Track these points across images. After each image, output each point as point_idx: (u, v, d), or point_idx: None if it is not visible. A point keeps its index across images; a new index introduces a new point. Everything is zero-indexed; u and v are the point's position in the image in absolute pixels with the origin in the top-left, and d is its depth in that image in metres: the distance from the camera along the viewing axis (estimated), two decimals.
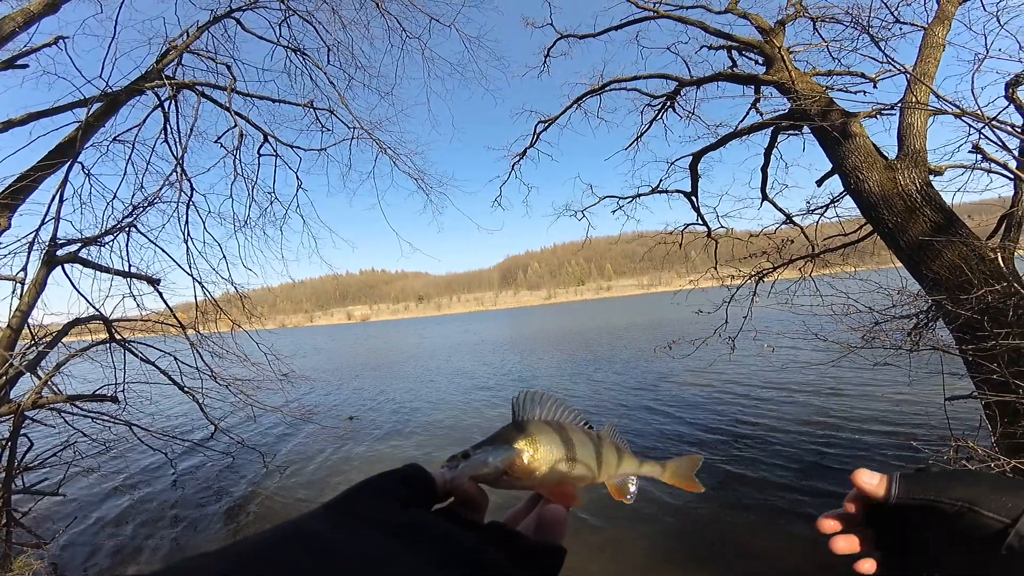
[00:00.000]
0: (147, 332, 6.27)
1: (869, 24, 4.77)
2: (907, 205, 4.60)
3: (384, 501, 0.42)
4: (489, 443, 0.52)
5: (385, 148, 7.69)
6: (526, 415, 0.57)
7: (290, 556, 0.32)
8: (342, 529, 0.37)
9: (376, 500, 0.42)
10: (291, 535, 0.34)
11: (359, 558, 0.34)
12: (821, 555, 3.28)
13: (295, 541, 0.34)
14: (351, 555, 0.34)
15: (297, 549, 0.33)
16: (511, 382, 17.89)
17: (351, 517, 0.39)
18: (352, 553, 0.34)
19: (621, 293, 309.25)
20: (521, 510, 0.56)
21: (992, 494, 0.49)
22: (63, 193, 5.32)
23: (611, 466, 0.58)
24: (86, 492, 8.50)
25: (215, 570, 0.29)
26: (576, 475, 0.54)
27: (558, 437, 0.54)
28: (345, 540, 0.35)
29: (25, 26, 4.50)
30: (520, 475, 0.51)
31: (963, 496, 0.50)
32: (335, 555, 0.33)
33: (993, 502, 0.49)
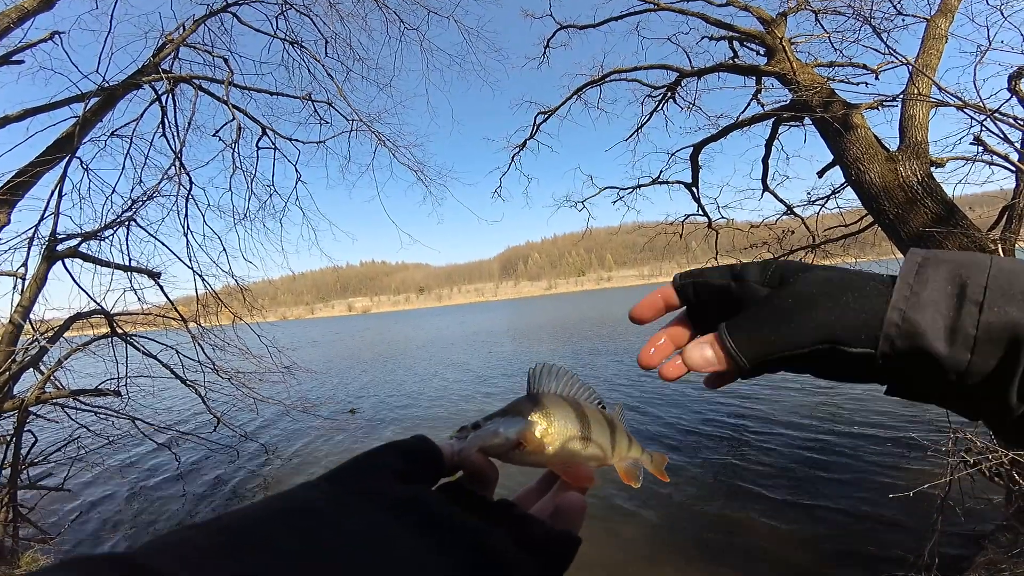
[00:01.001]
0: (148, 326, 6.29)
1: (871, 15, 4.73)
2: (908, 196, 4.59)
3: (385, 475, 0.40)
4: (501, 414, 0.50)
5: (384, 140, 7.66)
6: (541, 388, 0.55)
7: (275, 532, 0.30)
8: (336, 505, 0.35)
9: (377, 474, 0.40)
10: (280, 509, 0.33)
11: (350, 537, 0.32)
12: (820, 548, 3.31)
13: (283, 516, 0.32)
14: (342, 534, 0.32)
15: (284, 525, 0.31)
16: (511, 372, 17.93)
17: (348, 492, 0.37)
18: (344, 532, 0.32)
19: (622, 283, 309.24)
20: (533, 490, 0.53)
21: (844, 316, 0.43)
22: (62, 188, 5.32)
23: (623, 448, 0.56)
24: (91, 486, 8.55)
25: (195, 544, 0.27)
26: (589, 453, 0.52)
27: (573, 412, 0.52)
28: (337, 517, 0.33)
29: (19, 22, 4.46)
30: (533, 449, 0.49)
31: (819, 336, 0.43)
32: (325, 533, 0.31)
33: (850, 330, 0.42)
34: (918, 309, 0.41)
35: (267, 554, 0.29)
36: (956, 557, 4.12)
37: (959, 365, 0.40)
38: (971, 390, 0.41)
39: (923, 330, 0.40)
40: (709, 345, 0.46)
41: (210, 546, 0.28)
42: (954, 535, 4.30)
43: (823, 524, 5.51)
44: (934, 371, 0.41)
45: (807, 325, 0.43)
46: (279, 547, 0.29)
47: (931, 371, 0.41)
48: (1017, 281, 0.40)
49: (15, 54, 4.80)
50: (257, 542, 0.29)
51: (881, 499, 5.43)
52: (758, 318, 0.45)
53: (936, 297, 0.41)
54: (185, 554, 0.27)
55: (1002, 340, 0.38)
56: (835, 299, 0.43)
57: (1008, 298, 0.39)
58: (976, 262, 0.42)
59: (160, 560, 0.26)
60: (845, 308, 0.43)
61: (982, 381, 0.40)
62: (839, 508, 5.81)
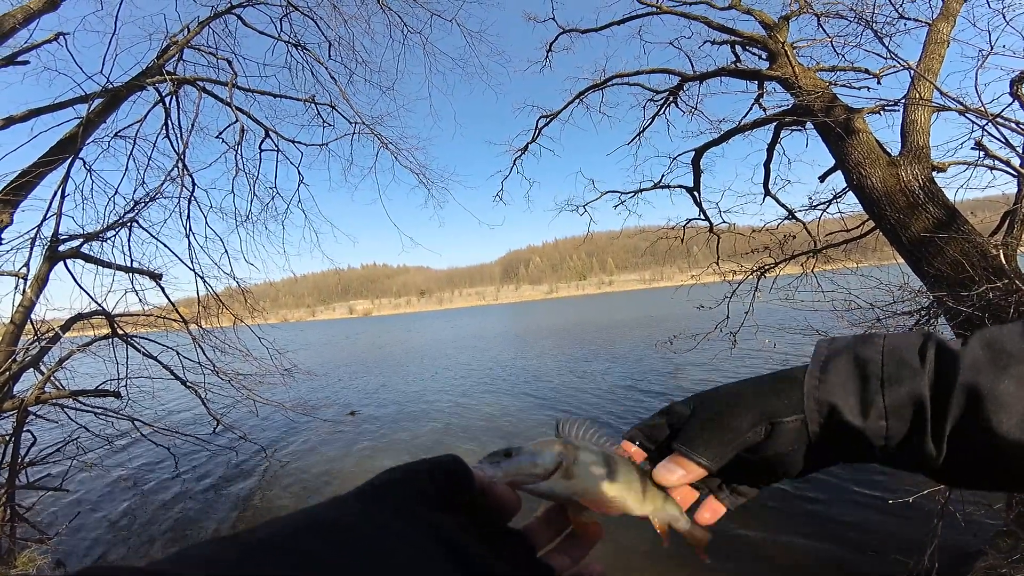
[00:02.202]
0: (149, 327, 6.30)
1: (873, 20, 4.73)
2: (910, 201, 4.58)
3: (417, 495, 0.39)
4: (531, 446, 0.50)
5: (386, 143, 7.68)
6: (568, 434, 0.55)
7: (307, 548, 0.29)
8: (370, 523, 0.34)
9: (410, 493, 0.39)
10: (310, 524, 0.32)
11: (384, 557, 0.31)
12: (820, 553, 3.30)
13: (315, 532, 0.31)
14: (376, 554, 0.31)
15: (317, 541, 0.30)
16: (511, 376, 17.91)
17: (381, 510, 0.36)
18: (377, 552, 0.32)
19: (623, 288, 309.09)
20: (541, 521, 0.52)
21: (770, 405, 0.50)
22: (65, 189, 5.34)
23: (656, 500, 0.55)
24: (90, 487, 8.54)
25: (224, 559, 0.27)
26: (616, 496, 0.51)
27: (602, 454, 0.52)
28: (370, 536, 0.33)
29: (25, 23, 4.49)
30: (565, 481, 0.49)
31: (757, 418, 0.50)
32: (357, 551, 0.31)
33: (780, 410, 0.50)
34: (829, 392, 0.49)
35: (301, 570, 0.28)
36: (956, 563, 4.10)
37: (880, 431, 0.47)
38: (897, 449, 0.47)
39: (839, 407, 0.48)
40: (672, 462, 0.53)
41: (239, 561, 0.27)
42: (954, 541, 4.28)
43: (823, 529, 5.49)
44: (860, 440, 0.48)
45: (743, 415, 0.50)
46: (313, 564, 0.28)
47: (858, 440, 0.48)
48: (905, 353, 0.48)
49: (20, 55, 4.82)
50: (290, 558, 0.28)
51: (881, 504, 5.42)
52: (698, 427, 0.52)
53: (842, 380, 0.49)
54: (215, 569, 0.26)
55: (908, 405, 0.46)
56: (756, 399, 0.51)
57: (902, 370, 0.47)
58: (871, 344, 0.50)
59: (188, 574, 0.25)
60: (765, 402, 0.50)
61: (903, 440, 0.46)
62: (839, 513, 5.79)
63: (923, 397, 0.45)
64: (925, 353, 0.47)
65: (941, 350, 0.47)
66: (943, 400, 0.45)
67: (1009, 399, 0.42)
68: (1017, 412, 0.42)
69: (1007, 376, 0.43)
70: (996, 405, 0.42)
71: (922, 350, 0.48)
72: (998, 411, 0.42)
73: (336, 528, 0.32)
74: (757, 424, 0.50)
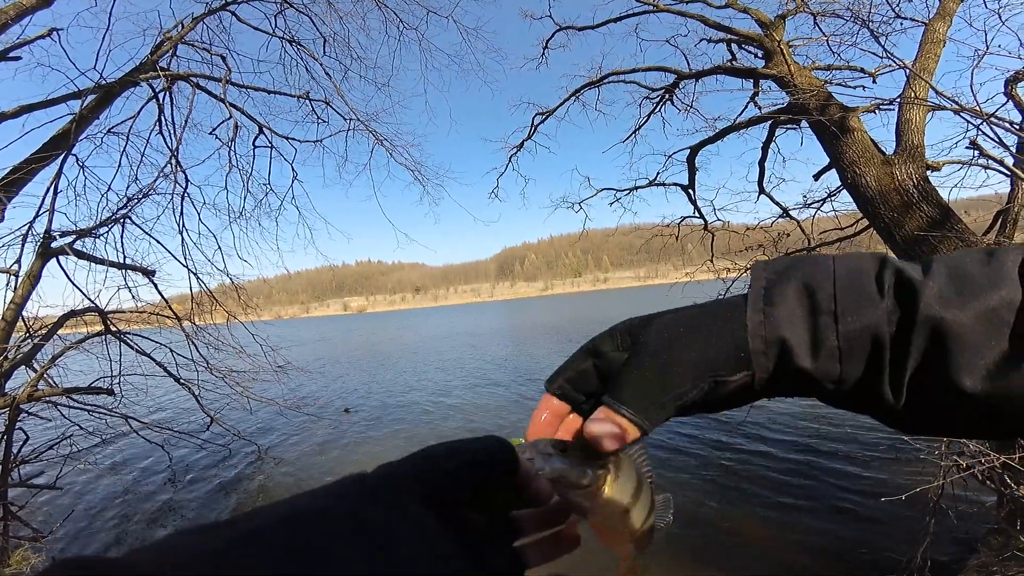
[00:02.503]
0: (142, 324, 6.26)
1: (869, 19, 4.74)
2: (904, 200, 4.60)
3: (459, 484, 0.37)
4: (580, 450, 0.46)
5: (381, 139, 7.65)
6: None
7: (299, 536, 0.27)
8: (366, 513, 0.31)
9: (414, 484, 0.35)
10: (306, 512, 0.30)
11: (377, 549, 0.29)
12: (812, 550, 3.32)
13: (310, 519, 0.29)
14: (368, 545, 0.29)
15: (308, 529, 0.28)
16: (505, 372, 17.92)
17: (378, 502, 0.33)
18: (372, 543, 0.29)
19: (618, 285, 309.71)
20: (527, 513, 0.49)
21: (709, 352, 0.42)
22: (57, 185, 5.29)
23: (648, 521, 0.52)
24: (83, 485, 8.51)
25: (197, 549, 0.24)
26: (631, 519, 0.49)
27: (637, 480, 0.49)
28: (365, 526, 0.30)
29: (17, 19, 4.44)
30: (596, 496, 0.46)
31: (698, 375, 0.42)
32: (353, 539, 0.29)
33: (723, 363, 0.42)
34: (777, 330, 0.42)
35: (285, 563, 0.25)
36: (948, 560, 4.14)
37: (832, 375, 0.41)
38: (851, 393, 0.42)
39: (789, 347, 0.41)
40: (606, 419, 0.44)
41: (224, 551, 0.24)
42: (946, 538, 4.32)
43: (815, 527, 5.52)
44: (811, 382, 0.42)
45: (681, 370, 0.43)
46: (297, 556, 0.26)
47: (809, 382, 0.42)
48: (860, 280, 0.42)
49: (12, 50, 4.77)
50: (274, 550, 0.26)
51: (874, 502, 5.45)
52: (632, 380, 0.44)
53: (790, 315, 0.42)
54: (184, 560, 0.24)
55: (864, 345, 0.40)
56: (692, 341, 0.43)
57: (858, 301, 0.41)
58: (820, 268, 0.43)
59: (154, 566, 0.23)
60: (706, 346, 0.43)
61: (857, 383, 0.41)
62: (832, 511, 5.82)
63: (881, 335, 0.40)
64: (883, 280, 0.41)
65: (901, 277, 0.41)
66: (903, 338, 0.39)
67: (973, 339, 0.37)
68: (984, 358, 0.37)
69: (971, 310, 0.38)
70: (959, 345, 0.38)
71: (879, 276, 0.42)
72: (961, 353, 0.37)
73: (326, 518, 0.30)
74: (700, 381, 0.43)
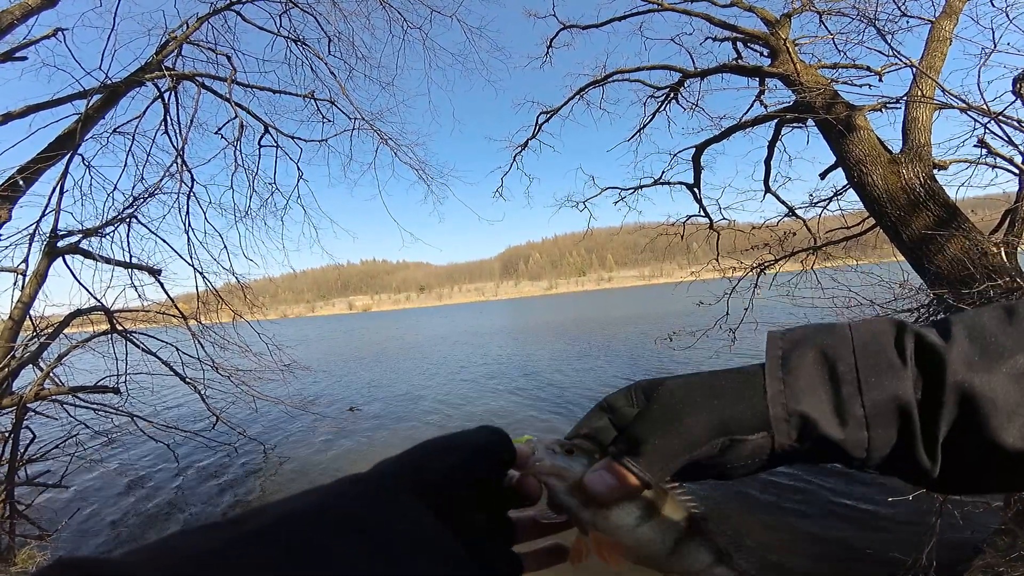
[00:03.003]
0: (148, 323, 6.30)
1: (876, 17, 4.72)
2: (910, 199, 4.58)
3: (457, 482, 0.36)
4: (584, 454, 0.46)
5: (386, 139, 7.66)
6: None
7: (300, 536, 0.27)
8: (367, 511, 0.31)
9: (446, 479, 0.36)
10: (307, 511, 0.30)
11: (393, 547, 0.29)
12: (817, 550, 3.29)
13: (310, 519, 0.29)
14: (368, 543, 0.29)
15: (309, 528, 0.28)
16: (510, 372, 17.92)
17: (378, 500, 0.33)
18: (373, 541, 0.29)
19: (622, 284, 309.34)
20: (527, 520, 0.50)
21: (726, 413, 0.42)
22: (63, 185, 5.32)
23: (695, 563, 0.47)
24: (89, 484, 8.55)
25: (198, 550, 0.24)
26: (642, 539, 0.46)
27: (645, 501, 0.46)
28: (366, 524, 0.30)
29: (23, 19, 4.46)
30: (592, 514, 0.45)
31: (713, 431, 0.42)
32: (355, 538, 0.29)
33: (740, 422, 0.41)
34: (799, 400, 0.41)
35: (281, 565, 0.25)
36: (954, 560, 4.11)
37: (861, 443, 0.40)
38: (884, 460, 0.41)
39: (814, 419, 0.40)
40: (607, 470, 0.44)
41: (211, 552, 0.24)
42: (952, 538, 4.29)
43: (820, 526, 5.50)
44: (838, 450, 0.41)
45: (695, 426, 0.42)
46: (298, 555, 0.26)
47: (835, 450, 0.41)
48: (883, 349, 0.41)
49: (18, 51, 4.79)
50: (274, 550, 0.26)
51: (880, 502, 5.42)
52: (643, 433, 0.43)
53: (810, 384, 0.41)
54: (181, 561, 0.23)
55: (891, 413, 0.39)
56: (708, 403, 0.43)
57: (881, 370, 0.40)
58: (837, 337, 0.43)
59: (151, 568, 0.22)
60: (723, 406, 0.42)
61: (890, 450, 0.40)
62: (837, 510, 5.80)
63: (909, 402, 0.39)
64: (903, 347, 0.41)
65: (922, 343, 0.40)
66: (933, 404, 0.39)
67: (1007, 401, 0.37)
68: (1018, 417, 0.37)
69: (1001, 373, 0.38)
70: (993, 408, 0.37)
71: (899, 343, 0.41)
72: (996, 415, 0.37)
73: (324, 517, 0.30)
74: (714, 439, 0.42)
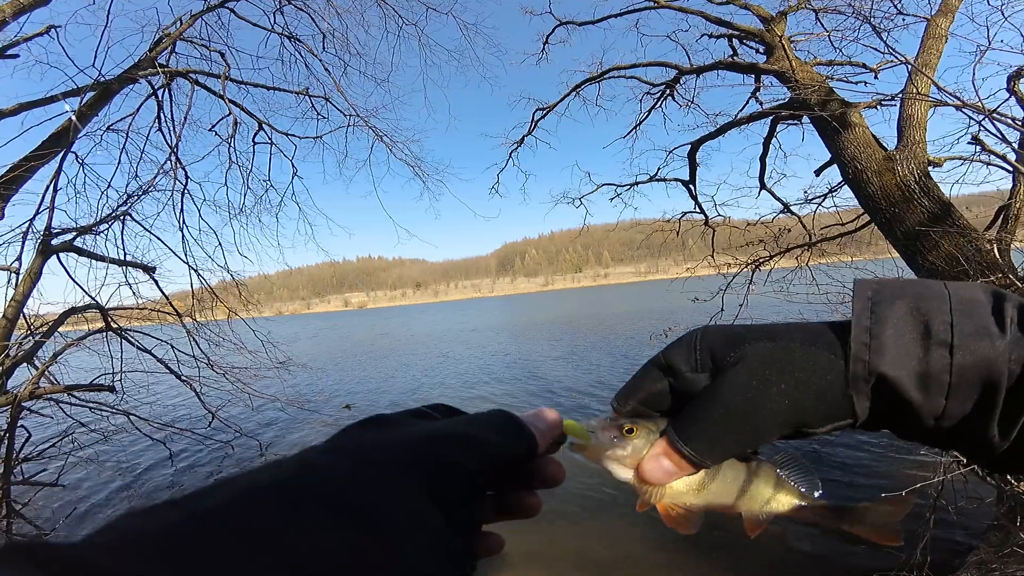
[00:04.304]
0: (143, 320, 6.26)
1: (872, 14, 4.73)
2: (905, 195, 4.60)
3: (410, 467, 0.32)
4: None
5: (381, 135, 7.63)
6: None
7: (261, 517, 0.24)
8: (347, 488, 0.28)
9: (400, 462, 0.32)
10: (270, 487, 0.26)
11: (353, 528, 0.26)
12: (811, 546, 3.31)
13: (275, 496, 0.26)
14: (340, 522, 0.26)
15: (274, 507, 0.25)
16: (506, 368, 17.94)
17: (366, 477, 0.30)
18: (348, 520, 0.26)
19: (618, 280, 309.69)
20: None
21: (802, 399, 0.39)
22: (57, 182, 5.30)
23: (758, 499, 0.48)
24: (85, 482, 8.52)
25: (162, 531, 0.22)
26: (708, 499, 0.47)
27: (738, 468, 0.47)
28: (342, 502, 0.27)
29: (15, 17, 4.42)
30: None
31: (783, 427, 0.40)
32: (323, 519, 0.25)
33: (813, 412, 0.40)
34: (882, 356, 0.38)
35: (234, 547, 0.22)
36: (948, 556, 4.14)
37: (935, 410, 0.38)
38: (950, 430, 0.39)
39: (894, 380, 0.38)
40: (663, 455, 0.43)
41: (161, 533, 0.22)
42: (946, 534, 4.33)
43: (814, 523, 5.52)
44: (911, 416, 0.39)
45: (765, 422, 0.40)
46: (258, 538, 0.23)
47: (907, 416, 0.39)
48: (978, 311, 0.37)
49: (10, 48, 4.75)
50: (232, 533, 0.23)
51: (874, 498, 5.45)
52: (709, 418, 0.41)
53: (899, 339, 0.38)
54: (129, 543, 0.21)
55: (976, 382, 0.36)
56: (784, 381, 0.40)
57: (976, 334, 0.36)
58: (933, 293, 0.39)
59: (99, 552, 0.20)
60: (799, 390, 0.39)
61: (960, 422, 0.38)
62: (831, 504, 5.82)
63: (997, 371, 0.36)
64: (1003, 314, 0.37)
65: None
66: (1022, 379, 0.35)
67: None
68: None
69: None
70: None
71: (998, 309, 0.37)
72: None
73: (286, 494, 0.26)
74: (784, 429, 0.41)
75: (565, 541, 5.60)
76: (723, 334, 0.44)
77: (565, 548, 5.48)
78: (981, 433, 0.38)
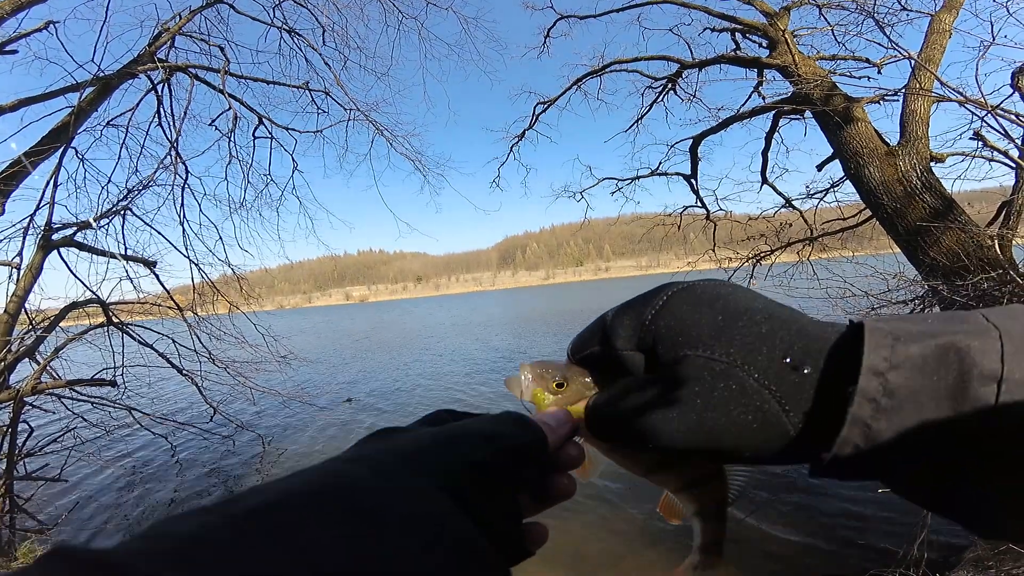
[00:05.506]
0: (144, 315, 6.28)
1: (875, 9, 4.69)
2: (907, 191, 4.59)
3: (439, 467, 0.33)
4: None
5: (382, 129, 7.62)
6: None
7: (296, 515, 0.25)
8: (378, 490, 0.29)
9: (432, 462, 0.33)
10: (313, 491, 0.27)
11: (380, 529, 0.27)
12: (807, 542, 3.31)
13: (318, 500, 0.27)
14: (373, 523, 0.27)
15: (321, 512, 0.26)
16: (506, 361, 17.95)
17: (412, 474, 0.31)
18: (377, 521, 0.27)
19: (620, 274, 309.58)
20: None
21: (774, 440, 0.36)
22: (57, 178, 5.30)
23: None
24: (88, 477, 8.55)
25: (197, 538, 0.22)
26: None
27: None
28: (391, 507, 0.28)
29: (13, 12, 4.40)
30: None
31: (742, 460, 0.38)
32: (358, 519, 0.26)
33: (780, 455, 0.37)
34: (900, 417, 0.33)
35: (264, 551, 0.23)
36: (944, 553, 4.15)
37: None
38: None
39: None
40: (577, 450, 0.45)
41: (191, 537, 0.23)
42: (943, 531, 4.33)
43: (811, 519, 5.53)
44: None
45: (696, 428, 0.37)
46: (296, 536, 0.24)
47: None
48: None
49: (9, 44, 4.73)
50: (253, 535, 0.23)
51: (871, 494, 5.46)
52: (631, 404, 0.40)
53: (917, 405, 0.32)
54: (163, 548, 0.22)
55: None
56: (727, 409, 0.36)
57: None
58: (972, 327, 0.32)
59: (135, 556, 0.21)
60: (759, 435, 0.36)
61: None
62: (827, 503, 5.83)
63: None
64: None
65: None
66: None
67: None
68: None
69: None
70: None
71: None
72: None
73: (318, 501, 0.27)
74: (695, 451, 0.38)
75: (559, 537, 5.62)
76: (682, 323, 0.39)
77: (559, 544, 5.49)
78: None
